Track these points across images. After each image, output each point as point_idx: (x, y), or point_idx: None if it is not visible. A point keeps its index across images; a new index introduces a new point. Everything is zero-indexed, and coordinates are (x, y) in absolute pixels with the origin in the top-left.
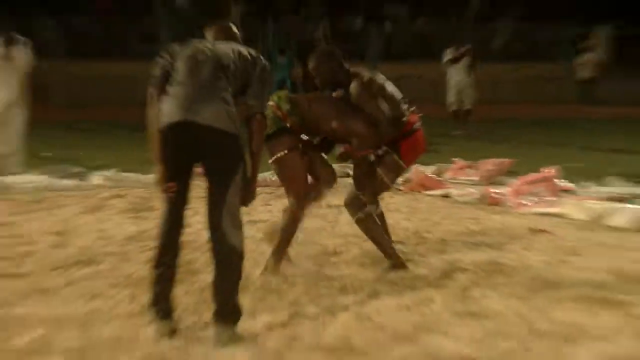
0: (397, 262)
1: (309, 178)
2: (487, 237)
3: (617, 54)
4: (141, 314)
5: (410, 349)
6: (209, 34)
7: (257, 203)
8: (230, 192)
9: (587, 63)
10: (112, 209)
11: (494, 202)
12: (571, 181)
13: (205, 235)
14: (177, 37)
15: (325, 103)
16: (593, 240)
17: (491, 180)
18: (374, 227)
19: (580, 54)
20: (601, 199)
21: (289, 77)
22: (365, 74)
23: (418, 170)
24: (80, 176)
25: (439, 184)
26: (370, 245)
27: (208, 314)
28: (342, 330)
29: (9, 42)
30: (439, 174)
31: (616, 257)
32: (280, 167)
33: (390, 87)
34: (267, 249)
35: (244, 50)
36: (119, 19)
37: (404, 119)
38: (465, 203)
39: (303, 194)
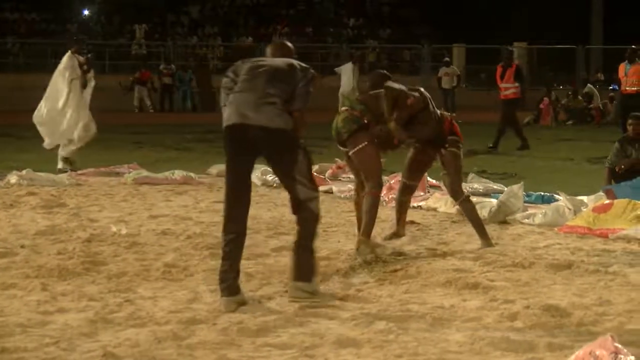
0: (488, 242)
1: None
2: None
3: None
4: (52, 301)
5: (299, 330)
6: (268, 51)
7: (158, 199)
8: (297, 176)
9: (447, 75)
10: (25, 205)
11: None
12: (437, 179)
13: (110, 229)
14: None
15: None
16: (459, 230)
17: None
18: (473, 208)
19: (442, 67)
20: None
21: (190, 89)
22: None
23: None
24: None
25: (321, 181)
26: (260, 237)
27: (114, 300)
28: (236, 314)
29: None
30: (321, 172)
31: (479, 246)
32: (361, 156)
33: None
34: (168, 242)
35: (295, 63)
36: (37, 39)
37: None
38: (344, 198)
39: (380, 177)
